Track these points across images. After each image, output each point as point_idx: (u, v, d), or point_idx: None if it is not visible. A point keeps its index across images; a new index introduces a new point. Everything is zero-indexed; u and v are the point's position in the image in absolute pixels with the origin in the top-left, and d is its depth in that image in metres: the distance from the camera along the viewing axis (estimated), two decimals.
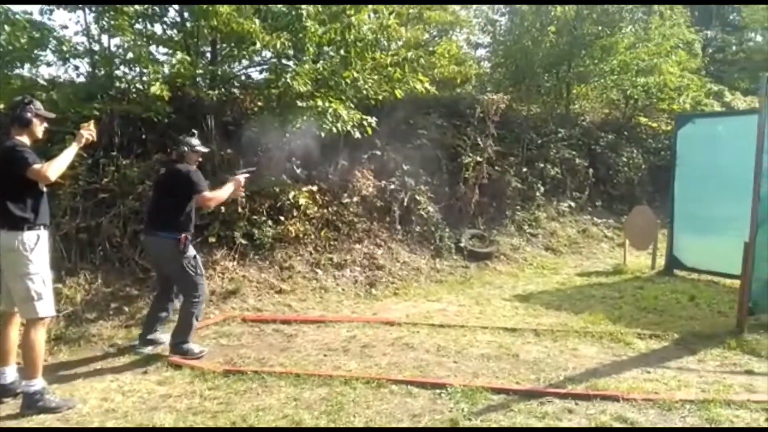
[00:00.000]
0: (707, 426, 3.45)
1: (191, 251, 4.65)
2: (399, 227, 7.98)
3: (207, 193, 4.67)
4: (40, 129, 3.92)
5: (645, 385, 4.06)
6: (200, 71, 6.88)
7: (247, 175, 5.05)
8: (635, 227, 8.66)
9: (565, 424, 3.51)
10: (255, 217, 6.77)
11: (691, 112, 11.14)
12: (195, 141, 4.88)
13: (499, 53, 12.26)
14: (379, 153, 8.54)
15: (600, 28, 11.17)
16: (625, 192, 11.25)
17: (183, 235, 4.57)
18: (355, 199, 7.80)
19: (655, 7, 12.04)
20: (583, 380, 4.14)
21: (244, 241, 6.53)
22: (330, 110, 6.84)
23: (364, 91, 7.68)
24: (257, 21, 6.65)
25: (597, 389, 3.96)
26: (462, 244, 8.36)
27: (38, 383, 3.75)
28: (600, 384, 4.05)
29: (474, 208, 9.06)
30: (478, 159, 9.25)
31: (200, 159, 4.98)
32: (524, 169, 10.04)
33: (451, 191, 9.03)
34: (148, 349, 4.80)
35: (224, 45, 7.67)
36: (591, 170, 10.90)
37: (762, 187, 5.06)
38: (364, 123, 7.25)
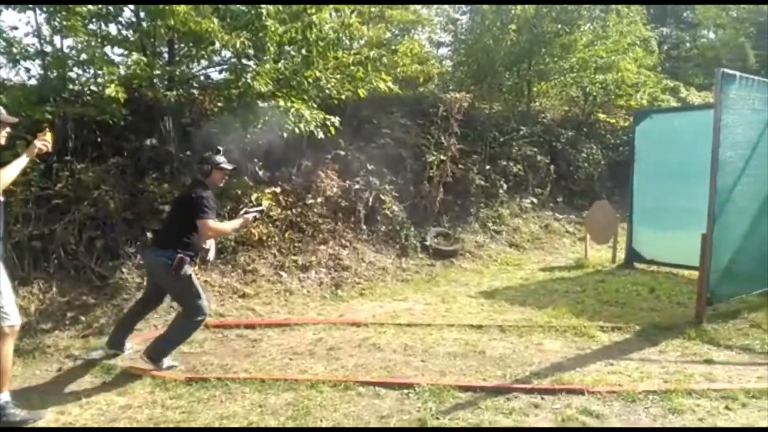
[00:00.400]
0: (670, 414, 3.52)
1: (187, 271, 4.39)
2: (364, 227, 7.94)
3: (211, 222, 4.39)
4: (2, 135, 3.72)
5: (609, 377, 4.12)
6: (157, 72, 6.71)
7: (257, 214, 4.86)
8: (595, 222, 8.81)
9: (531, 419, 3.53)
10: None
11: (649, 107, 11.41)
12: (220, 158, 4.63)
13: (461, 52, 12.33)
14: (343, 153, 8.49)
15: (559, 26, 11.33)
16: (585, 187, 11.46)
17: (179, 256, 4.35)
18: (319, 199, 7.73)
19: (612, 5, 12.28)
20: (548, 375, 4.18)
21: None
22: (292, 110, 6.75)
23: (327, 91, 7.62)
24: (216, 20, 6.53)
25: (562, 383, 3.99)
26: (427, 243, 8.37)
27: (3, 396, 3.60)
28: (565, 378, 4.09)
29: (439, 206, 9.08)
30: (442, 157, 9.27)
31: (227, 177, 4.80)
32: (487, 167, 10.11)
33: (415, 190, 9.04)
34: (96, 354, 4.69)
35: (182, 45, 7.51)
36: (552, 167, 11.06)
37: (719, 180, 5.19)
38: (327, 123, 7.18)
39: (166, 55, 7.51)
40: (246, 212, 4.76)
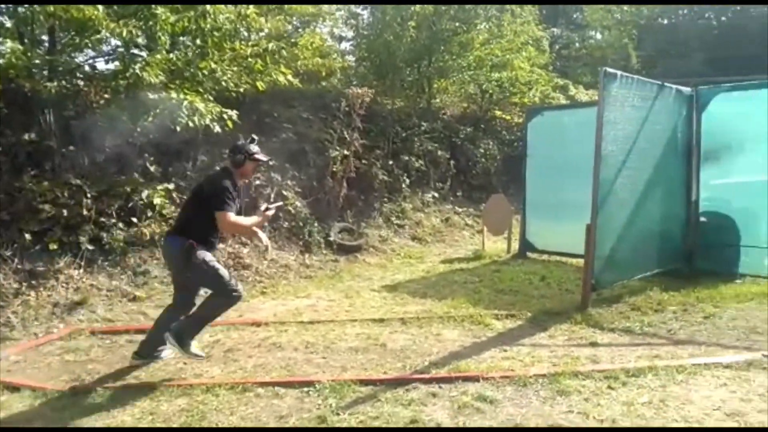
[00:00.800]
0: (558, 396, 3.70)
1: (199, 257, 4.12)
2: (266, 224, 7.76)
3: (231, 215, 4.10)
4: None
5: (502, 363, 4.28)
6: (36, 61, 6.22)
7: (273, 211, 4.59)
8: (492, 215, 9.15)
9: (429, 408, 3.59)
10: (103, 219, 6.25)
11: (540, 105, 11.99)
12: (255, 148, 4.36)
13: (362, 47, 12.37)
14: None
15: (457, 24, 11.65)
16: (483, 181, 11.88)
17: (188, 242, 4.11)
18: None
19: (507, 5, 12.78)
20: (446, 364, 4.27)
21: (90, 247, 6.00)
22: (185, 103, 6.48)
23: (224, 83, 7.40)
24: (101, 7, 6.13)
25: (459, 371, 4.10)
26: (331, 238, 8.33)
27: None
28: (462, 366, 4.20)
29: (342, 201, 9.07)
30: (345, 152, 9.26)
31: (260, 167, 4.36)
32: (390, 162, 10.22)
33: (319, 185, 8.97)
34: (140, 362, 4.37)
35: (64, 33, 7.00)
36: (452, 162, 11.37)
37: (602, 173, 5.52)
38: (225, 116, 6.96)
39: (47, 44, 6.97)
40: (267, 209, 4.53)
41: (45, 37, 7.06)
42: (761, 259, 6.62)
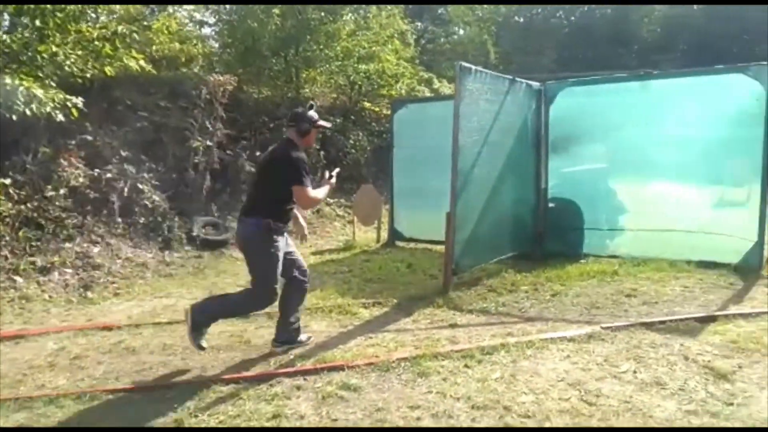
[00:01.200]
0: (419, 377, 3.81)
1: (276, 244, 3.99)
2: (119, 220, 7.25)
3: (310, 189, 3.98)
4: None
5: (367, 350, 4.33)
6: None
7: (335, 179, 4.48)
8: (362, 205, 9.25)
9: (293, 401, 3.54)
10: None
11: (407, 97, 12.28)
12: (315, 114, 4.16)
13: (225, 33, 11.91)
14: (90, 138, 7.64)
15: (323, 14, 11.58)
16: (353, 172, 11.92)
17: (266, 221, 3.95)
18: (62, 191, 6.86)
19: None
20: (312, 356, 4.24)
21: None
22: (21, 89, 5.84)
23: (67, 68, 6.75)
24: None
25: (325, 362, 4.08)
26: (194, 234, 7.97)
27: None
28: (328, 356, 4.19)
29: (206, 194, 8.70)
30: (208, 143, 8.89)
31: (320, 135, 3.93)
32: (258, 153, 9.93)
33: (179, 178, 8.53)
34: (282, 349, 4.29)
35: None
36: (322, 153, 11.30)
37: (459, 163, 5.75)
38: (69, 104, 6.37)
39: None
40: (330, 177, 4.43)
41: None
42: (603, 240, 7.30)
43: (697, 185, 7.00)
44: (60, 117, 6.26)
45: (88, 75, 7.14)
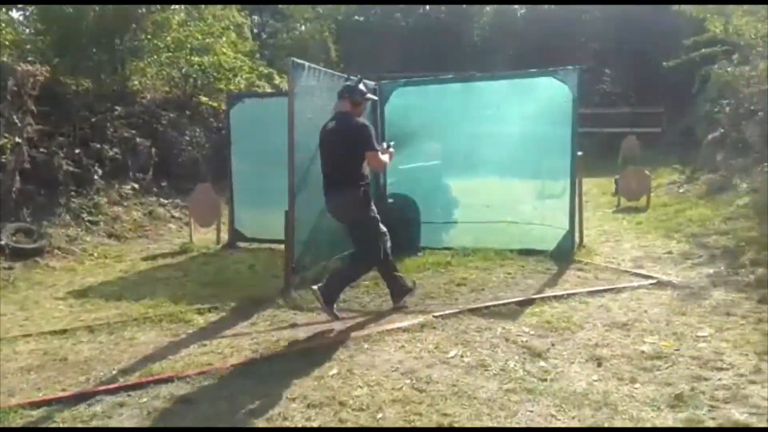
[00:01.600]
0: (257, 382, 3.70)
1: (373, 206, 4.56)
2: None
3: (380, 153, 4.51)
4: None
5: (200, 359, 4.12)
6: None
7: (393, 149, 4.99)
8: (199, 205, 8.83)
9: (116, 420, 3.27)
10: None
11: (244, 92, 11.92)
12: (365, 87, 4.65)
13: (35, 17, 10.68)
14: None
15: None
16: (190, 171, 11.34)
17: (361, 187, 4.47)
18: None
19: None
20: (137, 370, 3.94)
21: None
22: None
23: None
24: None
25: (151, 375, 3.82)
26: (2, 242, 7.05)
27: None
28: (155, 369, 3.92)
29: (16, 197, 7.74)
30: (17, 140, 7.91)
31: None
32: (77, 151, 9.07)
33: None
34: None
35: None
36: (154, 150, 10.60)
37: (296, 160, 5.68)
38: None
39: None
40: (389, 146, 4.95)
41: None
42: (438, 233, 7.67)
43: (521, 179, 7.63)
44: None
45: None
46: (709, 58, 12.39)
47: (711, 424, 3.03)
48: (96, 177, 9.11)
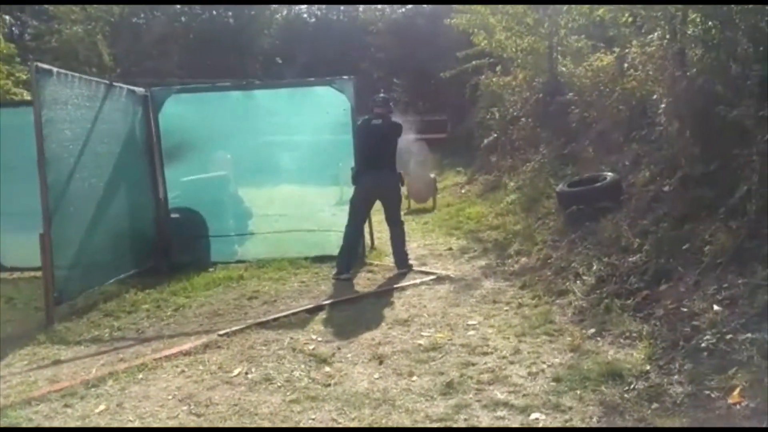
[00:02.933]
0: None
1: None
2: None
3: None
4: None
5: None
6: None
7: None
8: None
9: None
10: None
11: (3, 100, 10.32)
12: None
13: None
14: None
15: None
16: None
17: (399, 172, 6.43)
18: None
19: None
20: None
21: None
22: None
23: None
24: None
25: None
26: None
27: None
28: None
29: None
30: None
31: None
32: None
33: None
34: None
35: None
36: None
37: (50, 177, 5.05)
38: None
39: None
40: None
41: None
42: (231, 246, 7.38)
43: (316, 187, 7.68)
44: None
45: None
46: (478, 69, 13.74)
47: (477, 406, 3.26)
48: None
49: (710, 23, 4.85)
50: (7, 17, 14.58)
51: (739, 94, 4.36)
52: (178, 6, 21.65)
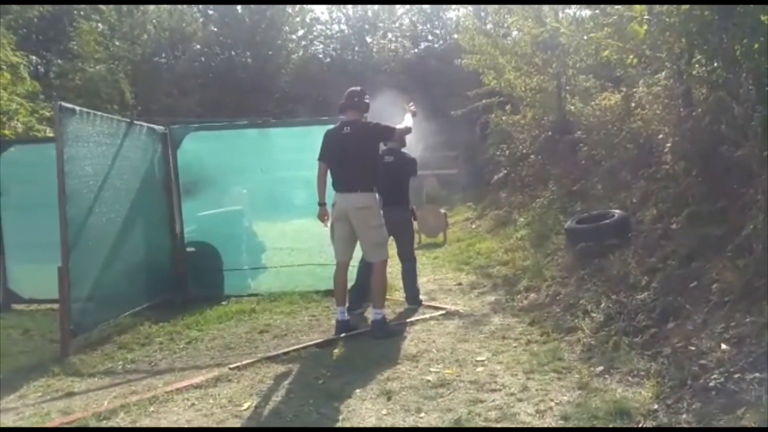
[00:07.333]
0: None
1: None
2: None
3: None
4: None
5: None
6: None
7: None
8: None
9: None
10: None
11: (17, 137, 10.62)
12: None
13: None
14: None
15: None
16: None
17: (412, 207, 6.43)
18: None
19: None
20: None
21: None
22: None
23: None
24: None
25: None
26: None
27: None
28: None
29: None
30: None
31: None
32: None
33: None
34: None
35: None
36: None
37: (70, 212, 5.20)
38: None
39: None
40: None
41: None
42: (244, 279, 7.48)
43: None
44: None
45: None
46: (488, 108, 13.99)
47: None
48: None
49: (715, 63, 4.94)
50: (34, 57, 15.13)
51: (743, 135, 4.43)
52: (198, 46, 22.31)
